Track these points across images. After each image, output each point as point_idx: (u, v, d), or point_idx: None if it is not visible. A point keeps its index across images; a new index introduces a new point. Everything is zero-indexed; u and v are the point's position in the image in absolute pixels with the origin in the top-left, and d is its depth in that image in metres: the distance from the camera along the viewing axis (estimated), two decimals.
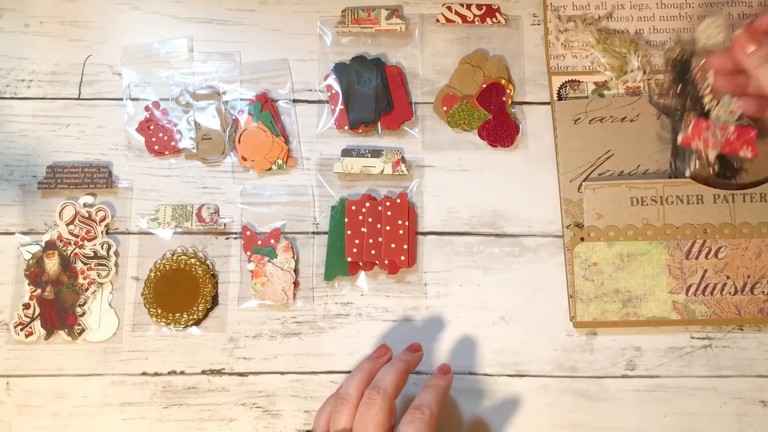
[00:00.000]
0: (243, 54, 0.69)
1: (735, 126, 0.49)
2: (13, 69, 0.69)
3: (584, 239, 0.63)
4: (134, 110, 0.68)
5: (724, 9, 0.52)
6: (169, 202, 0.66)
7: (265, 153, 0.66)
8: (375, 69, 0.67)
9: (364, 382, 0.51)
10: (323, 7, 0.70)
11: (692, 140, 0.50)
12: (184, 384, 0.62)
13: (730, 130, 0.49)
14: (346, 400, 0.50)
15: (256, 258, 0.64)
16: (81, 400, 0.62)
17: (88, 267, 0.63)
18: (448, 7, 0.69)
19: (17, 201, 0.66)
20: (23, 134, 0.67)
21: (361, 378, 0.51)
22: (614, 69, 0.67)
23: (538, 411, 0.61)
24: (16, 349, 0.63)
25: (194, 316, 0.62)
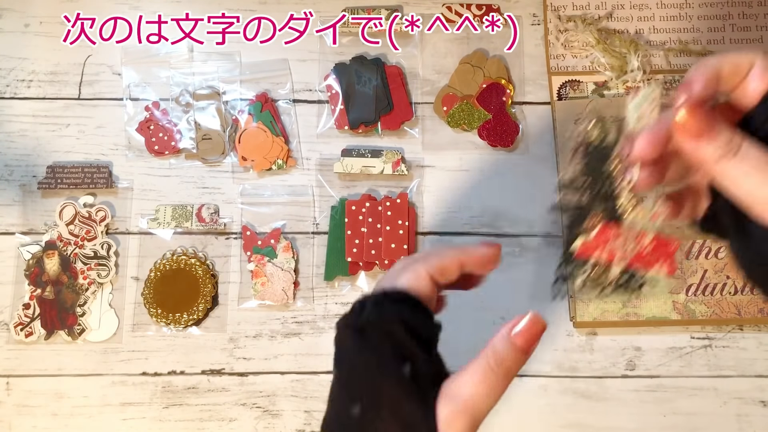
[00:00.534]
0: (243, 54, 0.69)
1: (654, 236, 0.36)
2: (13, 69, 0.69)
3: None
4: (134, 110, 0.67)
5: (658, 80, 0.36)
6: (169, 202, 0.66)
7: (265, 153, 0.66)
8: (375, 69, 0.67)
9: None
10: (323, 7, 0.70)
11: (593, 250, 0.37)
12: (184, 384, 0.62)
13: (646, 241, 0.36)
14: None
15: (256, 258, 0.64)
16: (81, 400, 0.62)
17: (88, 267, 0.63)
18: (448, 6, 0.69)
19: (17, 201, 0.66)
20: (23, 134, 0.67)
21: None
22: (614, 69, 0.67)
23: (538, 411, 0.61)
24: (16, 349, 0.63)
25: (194, 316, 0.62)
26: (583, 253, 0.37)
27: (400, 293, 0.35)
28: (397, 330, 0.33)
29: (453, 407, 0.32)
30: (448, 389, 0.33)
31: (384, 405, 0.32)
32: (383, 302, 0.35)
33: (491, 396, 0.33)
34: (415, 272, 0.36)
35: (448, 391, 0.33)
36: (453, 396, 0.32)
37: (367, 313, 0.34)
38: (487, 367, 0.33)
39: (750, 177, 0.30)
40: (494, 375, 0.32)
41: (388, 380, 0.33)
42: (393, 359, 0.33)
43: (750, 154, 0.30)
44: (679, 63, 0.69)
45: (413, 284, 0.35)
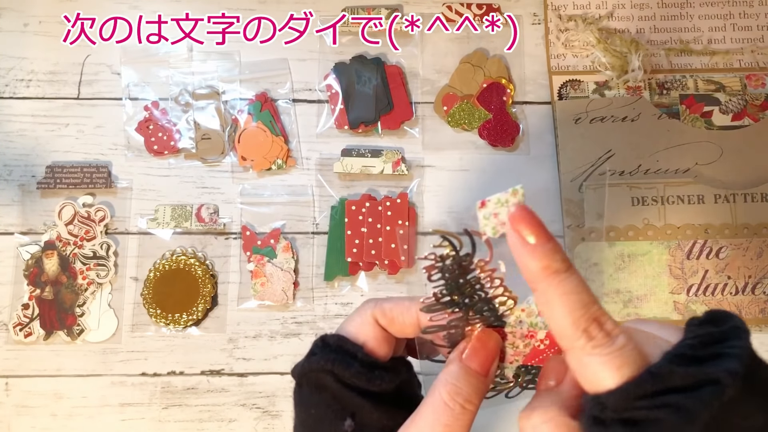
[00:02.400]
0: (242, 53, 0.69)
1: (548, 332, 0.31)
2: (12, 68, 0.68)
3: (585, 239, 0.63)
4: (133, 110, 0.67)
5: (520, 182, 0.29)
6: (168, 202, 0.65)
7: (265, 153, 0.66)
8: (375, 68, 0.67)
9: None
10: (323, 7, 0.70)
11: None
12: (184, 384, 0.62)
13: (539, 337, 0.31)
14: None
15: (256, 258, 0.63)
16: (80, 400, 0.62)
17: (88, 267, 0.63)
18: (448, 6, 0.69)
19: (16, 201, 0.66)
20: (22, 134, 0.67)
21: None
22: (615, 68, 0.67)
23: None
24: (16, 349, 0.63)
25: (194, 316, 0.62)
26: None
27: (339, 339, 0.32)
28: (329, 382, 0.30)
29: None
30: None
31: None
32: (318, 351, 0.32)
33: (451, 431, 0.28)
34: (361, 316, 0.33)
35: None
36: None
37: (300, 364, 0.32)
38: (441, 404, 0.28)
39: (562, 306, 0.24)
40: (450, 412, 0.28)
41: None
42: (331, 415, 0.30)
43: (577, 277, 0.25)
44: (680, 63, 0.68)
45: (356, 329, 0.32)
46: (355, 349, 0.31)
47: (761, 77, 0.68)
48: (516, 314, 0.31)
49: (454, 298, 0.30)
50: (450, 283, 0.30)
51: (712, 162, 0.64)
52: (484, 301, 0.30)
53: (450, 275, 0.30)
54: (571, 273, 0.25)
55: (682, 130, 0.65)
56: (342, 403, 0.30)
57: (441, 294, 0.30)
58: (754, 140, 0.65)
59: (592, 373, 0.24)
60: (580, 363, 0.24)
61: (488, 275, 0.30)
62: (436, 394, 0.28)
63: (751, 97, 0.67)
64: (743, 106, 0.67)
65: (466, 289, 0.30)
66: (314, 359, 0.31)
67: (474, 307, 0.30)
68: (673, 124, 0.65)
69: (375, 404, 0.31)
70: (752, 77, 0.68)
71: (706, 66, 0.68)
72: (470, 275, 0.30)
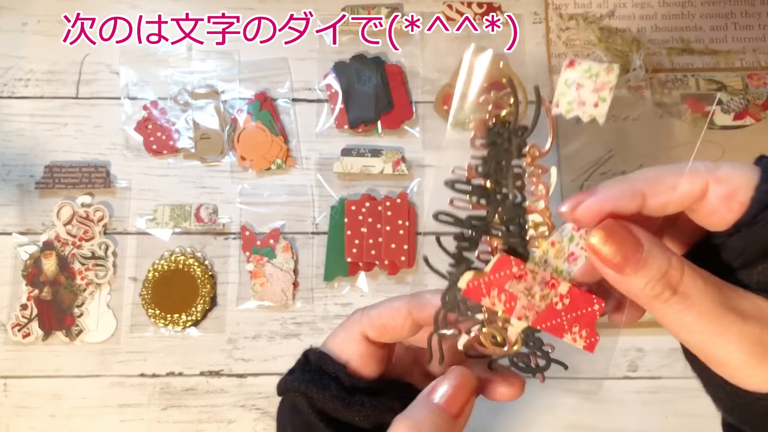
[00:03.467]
0: (242, 53, 0.68)
1: (570, 287, 0.25)
2: (11, 68, 0.68)
3: None
4: (132, 109, 0.67)
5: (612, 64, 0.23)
6: (167, 202, 0.65)
7: (264, 152, 0.65)
8: (375, 68, 0.67)
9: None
10: (323, 6, 0.69)
11: (487, 292, 0.25)
12: (183, 385, 0.62)
13: (560, 292, 0.25)
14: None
15: (255, 258, 0.63)
16: (79, 401, 0.61)
17: (86, 267, 0.63)
18: (448, 5, 0.69)
19: (15, 201, 0.65)
20: (21, 134, 0.67)
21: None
22: None
23: (539, 412, 0.60)
24: (14, 350, 0.62)
25: (193, 317, 0.62)
26: (473, 293, 0.25)
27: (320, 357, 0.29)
28: (303, 406, 0.28)
29: None
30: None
31: None
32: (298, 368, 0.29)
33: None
34: (346, 330, 0.29)
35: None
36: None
37: (281, 381, 0.30)
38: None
39: (700, 327, 0.22)
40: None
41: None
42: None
43: (695, 293, 0.22)
44: (682, 62, 0.68)
45: (339, 346, 0.29)
46: (336, 369, 0.28)
47: (763, 76, 0.67)
48: (544, 248, 0.25)
49: (487, 185, 0.25)
50: (491, 159, 0.24)
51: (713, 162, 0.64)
52: (517, 208, 0.25)
53: (495, 148, 0.24)
54: (690, 285, 0.22)
55: (683, 129, 0.65)
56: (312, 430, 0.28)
57: (475, 171, 0.25)
58: (755, 140, 0.65)
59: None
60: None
61: (536, 175, 0.25)
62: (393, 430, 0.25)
63: (752, 96, 0.67)
64: (745, 106, 0.66)
65: (506, 178, 0.24)
66: (290, 378, 0.29)
67: (505, 210, 0.24)
68: (675, 124, 0.65)
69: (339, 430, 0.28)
70: (754, 77, 0.67)
71: (707, 65, 0.68)
72: (516, 163, 0.24)
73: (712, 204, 0.22)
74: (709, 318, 0.22)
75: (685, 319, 0.22)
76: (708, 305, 0.22)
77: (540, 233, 0.25)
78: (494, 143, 0.24)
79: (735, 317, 0.22)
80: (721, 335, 0.22)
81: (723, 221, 0.23)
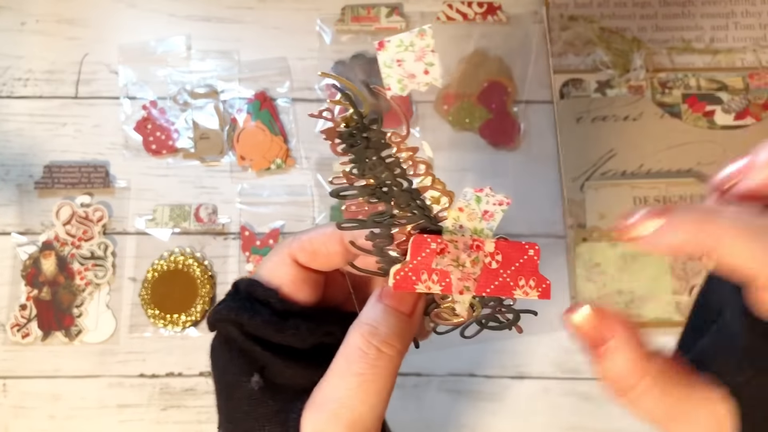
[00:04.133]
0: (241, 52, 0.68)
1: (497, 241, 0.24)
2: (10, 68, 0.68)
3: (587, 240, 0.62)
4: (131, 109, 0.67)
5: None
6: (166, 201, 0.65)
7: (264, 152, 0.65)
8: (375, 68, 0.66)
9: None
10: (323, 5, 0.69)
11: (417, 278, 0.24)
12: (182, 386, 0.61)
13: (487, 250, 0.24)
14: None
15: (255, 259, 0.63)
16: (78, 401, 0.61)
17: (85, 267, 0.63)
18: (449, 4, 0.69)
19: (14, 201, 0.65)
20: (20, 133, 0.67)
21: None
22: (617, 67, 0.67)
23: (539, 413, 0.60)
24: (13, 350, 0.62)
25: (192, 317, 0.62)
26: (403, 285, 0.24)
27: (250, 284, 0.28)
28: (235, 334, 0.27)
29: (317, 418, 0.24)
30: (315, 396, 0.25)
31: (239, 428, 0.26)
32: (229, 298, 0.28)
33: (367, 387, 0.23)
34: (277, 255, 0.28)
35: (315, 397, 0.25)
36: (319, 403, 0.24)
37: (209, 314, 0.28)
38: (353, 349, 0.24)
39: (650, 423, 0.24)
40: (364, 357, 0.23)
41: (236, 397, 0.26)
42: (237, 370, 0.26)
43: (644, 405, 0.23)
44: (682, 61, 0.68)
45: (270, 272, 0.28)
46: (267, 294, 0.27)
47: (764, 76, 0.67)
48: (453, 215, 0.24)
49: (369, 183, 0.24)
50: (358, 158, 0.23)
51: (714, 162, 0.63)
52: (410, 193, 0.24)
53: (357, 149, 0.23)
54: (629, 400, 0.24)
55: (684, 129, 0.65)
56: (249, 357, 0.26)
57: (352, 175, 0.24)
58: (756, 140, 0.64)
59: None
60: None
61: (409, 157, 0.24)
62: (349, 339, 0.24)
63: (753, 96, 0.66)
64: (746, 106, 0.66)
65: (383, 173, 0.23)
66: (219, 308, 0.27)
67: (398, 199, 0.24)
68: (675, 124, 0.65)
69: (289, 360, 0.26)
70: (755, 76, 0.67)
71: (708, 65, 0.68)
72: (385, 153, 0.24)
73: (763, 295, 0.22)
74: (651, 421, 0.23)
75: (636, 413, 0.24)
76: (657, 415, 0.23)
77: (443, 205, 0.24)
78: (353, 145, 0.24)
79: (683, 427, 0.23)
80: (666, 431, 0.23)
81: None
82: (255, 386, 0.25)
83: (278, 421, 0.25)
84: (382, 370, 0.24)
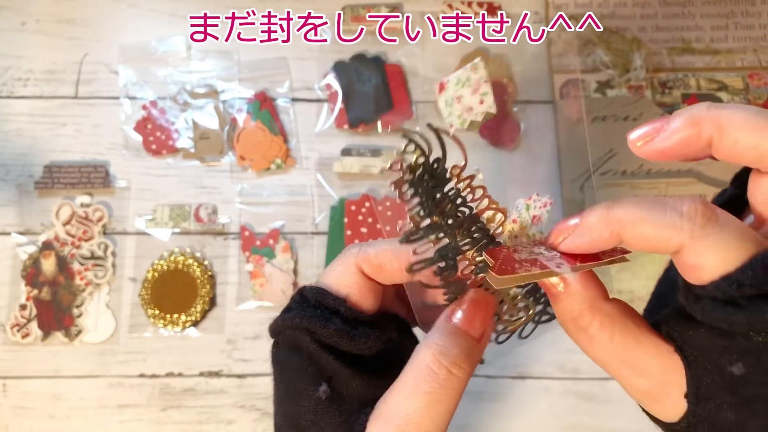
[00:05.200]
0: (241, 52, 0.68)
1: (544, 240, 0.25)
2: (10, 68, 0.68)
3: None
4: (132, 109, 0.67)
5: (476, 63, 0.25)
6: (166, 201, 0.65)
7: (264, 152, 0.65)
8: (375, 68, 0.66)
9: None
10: (322, 5, 0.69)
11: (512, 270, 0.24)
12: (182, 386, 0.61)
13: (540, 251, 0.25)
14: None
15: (255, 258, 0.63)
16: (78, 402, 0.61)
17: (85, 267, 0.63)
18: (449, 5, 0.69)
19: (14, 201, 0.65)
20: (20, 133, 0.67)
21: None
22: (617, 67, 0.67)
23: (540, 413, 0.60)
24: (13, 350, 0.62)
25: (192, 317, 0.62)
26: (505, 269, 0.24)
27: (318, 293, 0.28)
28: (305, 342, 0.27)
29: (384, 430, 0.24)
30: (381, 407, 0.25)
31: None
32: (295, 306, 0.28)
33: (435, 406, 0.24)
34: (342, 264, 0.28)
35: (380, 411, 0.25)
36: (386, 417, 0.25)
37: (276, 321, 0.28)
38: (423, 368, 0.24)
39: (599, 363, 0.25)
40: (434, 377, 0.24)
41: (303, 406, 0.26)
42: (305, 379, 0.26)
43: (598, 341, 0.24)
44: (682, 62, 0.68)
45: (337, 280, 0.28)
46: (337, 303, 0.27)
47: (763, 76, 0.67)
48: (509, 228, 0.26)
49: (435, 220, 0.25)
50: (426, 200, 0.24)
51: (713, 162, 0.63)
52: (471, 219, 0.25)
53: (424, 190, 0.24)
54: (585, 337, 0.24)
55: None
56: (318, 366, 0.27)
57: (419, 217, 0.25)
58: None
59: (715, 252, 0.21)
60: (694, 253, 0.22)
61: (467, 185, 0.25)
62: (419, 357, 0.25)
63: (753, 96, 0.67)
64: None
65: (447, 207, 0.25)
66: (289, 315, 0.27)
67: (461, 228, 0.25)
68: None
69: (356, 370, 0.27)
70: (755, 76, 0.67)
71: (708, 65, 0.68)
72: (448, 188, 0.25)
73: (680, 263, 0.22)
74: (605, 366, 0.24)
75: (587, 352, 0.24)
76: (606, 356, 0.24)
77: (499, 222, 0.26)
78: (419, 189, 0.25)
79: (629, 372, 0.24)
80: (616, 377, 0.24)
81: (686, 277, 0.23)
82: (323, 395, 0.26)
83: (340, 428, 0.25)
84: (450, 390, 0.24)
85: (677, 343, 0.24)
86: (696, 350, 0.23)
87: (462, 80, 0.23)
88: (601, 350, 0.24)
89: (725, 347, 0.22)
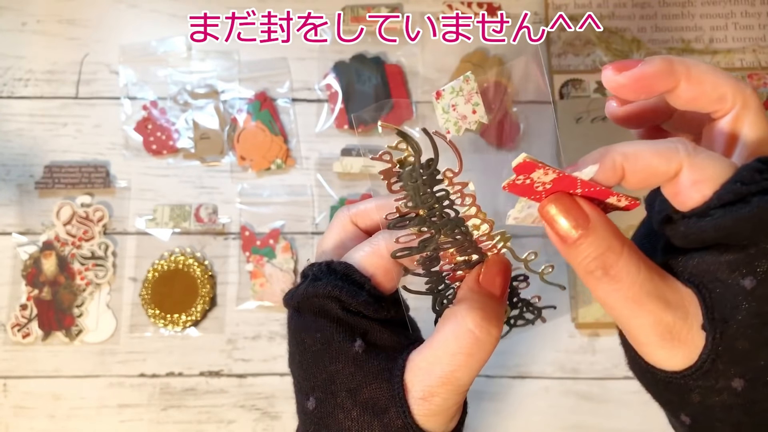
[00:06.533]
0: (241, 52, 0.68)
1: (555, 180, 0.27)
2: (10, 68, 0.68)
3: None
4: (132, 109, 0.67)
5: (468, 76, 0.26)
6: (167, 202, 0.65)
7: (264, 152, 0.65)
8: (375, 68, 0.67)
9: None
10: (322, 5, 0.69)
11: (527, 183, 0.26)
12: (183, 386, 0.61)
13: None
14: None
15: (255, 258, 0.63)
16: (78, 401, 0.61)
17: (86, 267, 0.63)
18: (449, 5, 0.69)
19: (14, 201, 0.65)
20: (20, 134, 0.67)
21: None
22: None
23: (539, 413, 0.60)
24: (13, 350, 0.62)
25: (192, 317, 0.62)
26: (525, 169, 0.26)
27: (347, 268, 0.29)
28: (334, 309, 0.29)
29: (427, 380, 0.27)
30: (418, 359, 0.28)
31: (340, 390, 0.28)
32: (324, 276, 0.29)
33: (473, 364, 0.27)
34: (372, 246, 0.30)
35: (417, 361, 0.27)
36: (426, 371, 0.27)
37: (302, 289, 0.30)
38: (465, 331, 0.27)
39: (625, 309, 0.24)
40: (476, 340, 0.27)
41: (338, 361, 0.28)
42: (339, 337, 0.28)
43: (625, 278, 0.24)
44: None
45: (365, 260, 0.29)
46: (363, 280, 0.29)
47: (763, 76, 0.67)
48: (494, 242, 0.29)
49: (420, 214, 0.27)
50: (413, 194, 0.26)
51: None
52: (455, 221, 0.27)
53: (413, 185, 0.26)
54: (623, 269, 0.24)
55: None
56: (348, 325, 0.28)
57: (405, 207, 0.26)
58: None
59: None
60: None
61: (458, 191, 0.27)
62: (458, 320, 0.27)
63: None
64: None
65: (433, 204, 0.26)
66: (320, 284, 0.29)
67: (444, 227, 0.27)
68: None
69: (383, 326, 0.29)
70: (754, 76, 0.67)
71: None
72: (437, 188, 0.26)
73: (680, 185, 0.24)
74: (633, 303, 0.24)
75: (611, 298, 0.25)
76: (635, 291, 0.24)
77: (483, 232, 0.28)
78: (408, 183, 0.26)
79: (656, 306, 0.24)
80: (640, 318, 0.24)
81: (685, 204, 0.24)
82: (359, 349, 0.28)
83: (384, 378, 0.27)
84: (488, 347, 0.27)
85: (684, 276, 0.25)
86: (705, 276, 0.24)
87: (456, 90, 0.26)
88: (629, 286, 0.24)
89: (731, 263, 0.23)
